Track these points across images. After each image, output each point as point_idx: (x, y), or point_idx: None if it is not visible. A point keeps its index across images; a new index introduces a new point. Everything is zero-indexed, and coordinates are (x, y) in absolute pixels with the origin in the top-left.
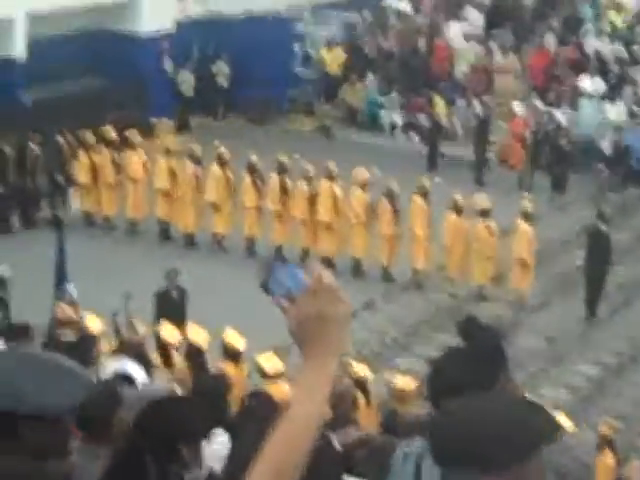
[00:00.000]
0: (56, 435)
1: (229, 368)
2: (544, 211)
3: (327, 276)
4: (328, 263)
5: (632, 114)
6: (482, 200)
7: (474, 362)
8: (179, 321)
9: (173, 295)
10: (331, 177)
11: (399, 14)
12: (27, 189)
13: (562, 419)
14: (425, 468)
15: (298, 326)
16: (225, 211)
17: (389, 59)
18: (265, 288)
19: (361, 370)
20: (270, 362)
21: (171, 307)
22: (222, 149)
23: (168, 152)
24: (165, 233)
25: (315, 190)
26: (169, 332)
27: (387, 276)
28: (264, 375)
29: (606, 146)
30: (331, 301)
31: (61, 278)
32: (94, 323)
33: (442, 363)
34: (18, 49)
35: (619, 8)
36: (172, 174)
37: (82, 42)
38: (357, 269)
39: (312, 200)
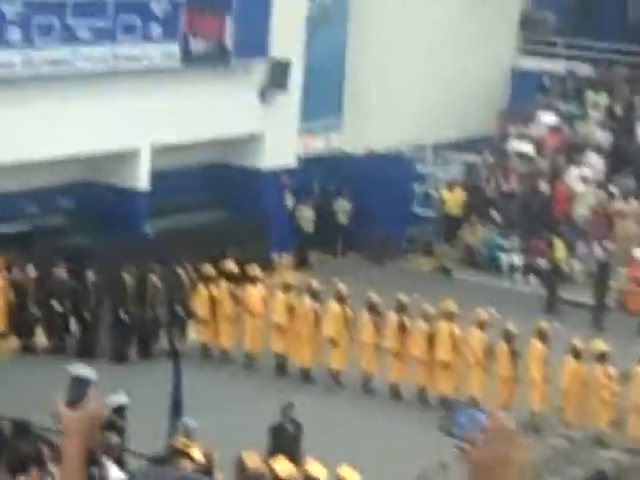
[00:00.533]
0: None
1: None
2: None
3: (507, 420)
4: (445, 403)
5: None
6: (600, 345)
7: None
8: (294, 455)
9: (289, 429)
10: (450, 317)
11: (521, 156)
12: (146, 319)
13: None
14: None
15: (477, 469)
16: (342, 347)
17: (510, 200)
18: (447, 431)
19: None
20: None
21: (286, 441)
22: (340, 286)
23: (287, 287)
24: (282, 367)
25: (433, 329)
26: (284, 466)
27: None
28: None
29: None
30: (511, 445)
31: (178, 409)
32: (210, 456)
33: None
34: (142, 180)
35: None
36: (290, 309)
37: (204, 175)
38: None
39: (430, 339)
